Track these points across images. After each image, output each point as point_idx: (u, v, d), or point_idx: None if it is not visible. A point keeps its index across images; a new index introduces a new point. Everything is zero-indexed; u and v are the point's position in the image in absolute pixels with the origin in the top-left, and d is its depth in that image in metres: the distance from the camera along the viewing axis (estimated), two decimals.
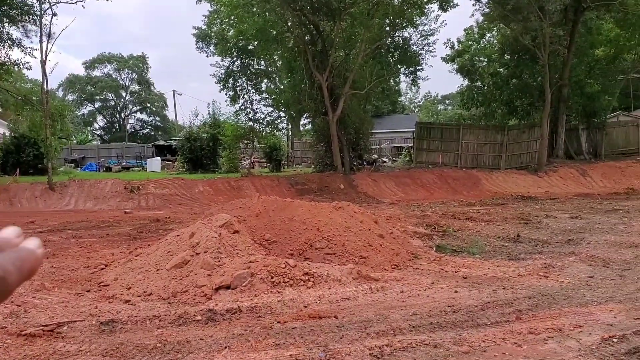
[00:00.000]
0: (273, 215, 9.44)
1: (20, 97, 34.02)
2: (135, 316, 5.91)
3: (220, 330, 5.50)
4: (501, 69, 34.95)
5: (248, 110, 34.03)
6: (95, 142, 70.38)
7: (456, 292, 6.85)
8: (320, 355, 4.69)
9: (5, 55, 35.25)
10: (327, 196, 24.92)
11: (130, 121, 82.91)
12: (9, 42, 34.27)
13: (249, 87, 34.13)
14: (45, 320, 5.82)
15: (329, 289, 6.85)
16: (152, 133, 79.95)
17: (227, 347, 4.98)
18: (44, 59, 26.53)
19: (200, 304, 6.36)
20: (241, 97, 34.15)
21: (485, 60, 36.13)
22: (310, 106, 31.06)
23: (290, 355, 4.69)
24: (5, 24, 33.83)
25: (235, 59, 33.69)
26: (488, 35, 37.22)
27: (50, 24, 27.90)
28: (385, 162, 39.77)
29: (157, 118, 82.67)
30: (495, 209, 18.33)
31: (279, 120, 34.77)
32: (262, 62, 34.76)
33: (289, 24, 28.90)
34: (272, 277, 6.89)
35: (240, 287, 6.70)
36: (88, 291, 7.31)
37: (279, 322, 5.69)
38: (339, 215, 9.47)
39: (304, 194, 25.61)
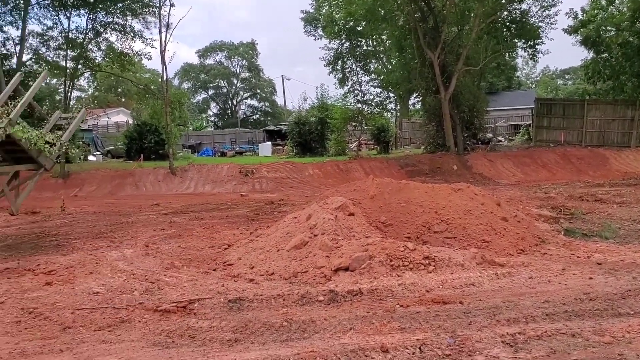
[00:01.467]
0: (388, 198, 9.31)
1: (141, 87, 36.30)
2: (260, 295, 6.06)
3: (343, 312, 5.50)
4: (632, 38, 32.03)
5: (356, 92, 33.99)
6: (210, 129, 73.80)
7: (591, 279, 6.37)
8: (448, 340, 4.54)
9: (128, 47, 37.70)
10: (439, 178, 24.35)
11: (242, 107, 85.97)
12: (132, 34, 36.59)
13: (358, 69, 34.04)
14: (177, 297, 6.13)
15: (452, 273, 6.63)
16: (262, 118, 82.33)
17: (351, 329, 4.96)
18: (163, 49, 28.04)
19: (320, 285, 6.40)
20: (349, 79, 34.18)
21: (614, 29, 33.26)
22: (420, 85, 30.41)
23: (417, 339, 4.58)
24: (128, 17, 36.11)
25: (343, 40, 33.69)
26: (617, 1, 34.23)
27: (169, 15, 29.33)
28: (501, 141, 38.15)
29: (267, 103, 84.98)
30: (628, 190, 16.97)
31: (387, 101, 34.45)
32: (371, 43, 34.48)
33: (399, 1, 28.34)
34: (390, 260, 6.78)
35: (359, 270, 6.66)
36: (214, 270, 7.62)
37: (401, 305, 5.59)
38: (458, 198, 9.16)
39: (414, 175, 25.19)
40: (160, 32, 28.25)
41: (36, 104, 11.57)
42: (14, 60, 38.06)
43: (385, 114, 36.61)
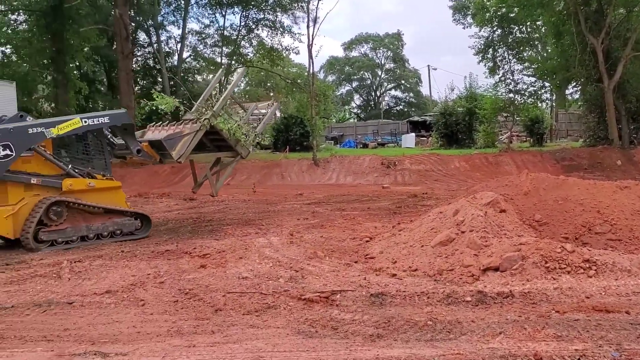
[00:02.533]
0: (544, 194, 8.64)
1: (289, 81, 37.61)
2: (404, 291, 5.91)
3: (492, 314, 5.18)
4: None
5: (508, 81, 32.28)
6: (352, 120, 74.63)
7: None
8: (613, 354, 4.06)
9: (277, 42, 39.26)
10: (600, 174, 22.37)
11: (385, 98, 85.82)
12: (281, 29, 38.06)
13: (510, 57, 32.26)
14: (320, 287, 6.18)
15: (616, 279, 5.96)
16: (406, 109, 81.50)
17: (501, 333, 4.65)
18: (310, 43, 28.74)
19: (467, 284, 6.10)
20: (500, 68, 32.50)
21: None
22: (580, 73, 28.08)
23: (576, 350, 4.16)
24: (278, 13, 37.58)
25: (494, 28, 32.12)
26: None
27: (317, 9, 30.06)
28: None
29: (411, 94, 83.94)
30: None
31: (542, 91, 32.26)
32: (525, 29, 32.52)
33: None
34: (546, 262, 6.27)
35: (510, 270, 6.24)
36: (356, 262, 7.60)
37: (557, 311, 5.14)
38: (624, 196, 8.24)
39: (571, 170, 23.34)
40: (307, 27, 29.00)
41: (235, 97, 12.72)
42: (175, 57, 41.39)
43: (540, 104, 34.36)
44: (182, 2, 39.32)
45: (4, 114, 17.39)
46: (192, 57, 43.32)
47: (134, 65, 34.66)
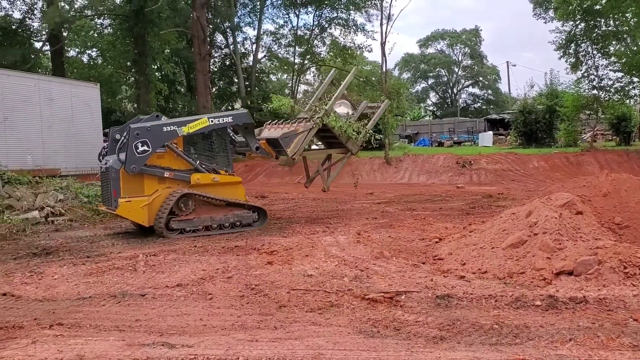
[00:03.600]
0: (625, 196, 8.17)
1: (362, 79, 37.51)
2: (471, 293, 5.75)
3: (562, 320, 4.95)
4: None
5: (592, 77, 30.62)
6: (427, 118, 73.46)
7: None
8: None
9: (350, 40, 39.26)
10: None
11: (462, 96, 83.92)
12: (354, 27, 38.05)
13: (594, 52, 30.60)
14: (385, 287, 6.12)
15: None
16: (484, 107, 79.36)
17: (571, 340, 4.45)
18: (384, 40, 28.57)
19: (538, 288, 5.85)
20: (584, 63, 30.85)
21: None
22: None
23: None
24: (352, 11, 37.60)
25: (577, 21, 30.58)
26: None
27: (390, 7, 29.81)
28: None
29: (489, 91, 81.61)
30: None
31: (630, 87, 30.35)
32: (612, 22, 30.74)
33: None
34: (625, 267, 5.92)
35: (584, 275, 5.94)
36: (423, 263, 7.48)
37: (635, 319, 4.86)
38: None
39: None
40: (381, 24, 28.88)
41: (347, 95, 13.32)
42: (251, 58, 42.24)
43: (627, 102, 32.38)
44: (258, 3, 40.11)
45: (90, 114, 18.46)
46: (266, 57, 44.11)
47: (211, 67, 35.71)
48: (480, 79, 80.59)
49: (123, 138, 10.27)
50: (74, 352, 4.28)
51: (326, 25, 39.60)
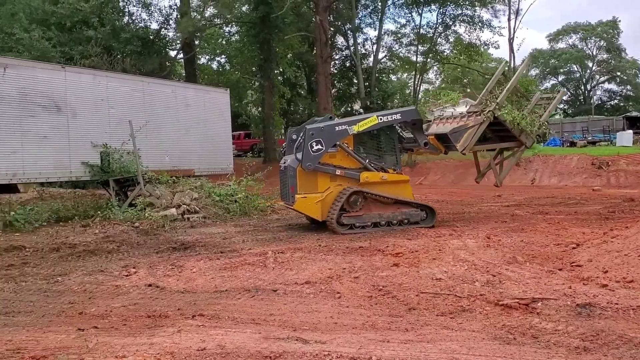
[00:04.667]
0: None
1: (487, 76, 36.25)
2: (616, 303, 5.33)
3: None
4: None
5: None
6: (558, 117, 69.28)
7: None
8: None
9: (475, 37, 38.07)
10: None
11: (597, 92, 78.14)
12: (480, 24, 36.84)
13: None
14: (519, 294, 5.85)
15: None
16: (622, 104, 73.29)
17: None
18: (512, 36, 27.42)
19: None
20: None
21: None
22: None
23: None
24: (477, 8, 36.42)
25: None
26: None
27: (519, 1, 28.56)
28: None
29: (628, 87, 75.23)
30: None
31: None
32: None
33: None
34: None
35: None
36: (560, 269, 7.04)
37: None
38: None
39: None
40: (509, 20, 27.85)
41: (519, 87, 13.32)
42: (371, 58, 42.38)
43: None
44: (379, 3, 40.14)
45: (221, 118, 19.49)
46: (387, 57, 44.02)
47: (332, 69, 36.30)
48: (618, 73, 74.43)
49: (300, 138, 10.99)
50: (215, 342, 4.51)
51: (450, 23, 38.73)
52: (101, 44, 26.96)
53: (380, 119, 11.03)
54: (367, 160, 11.09)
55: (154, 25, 35.62)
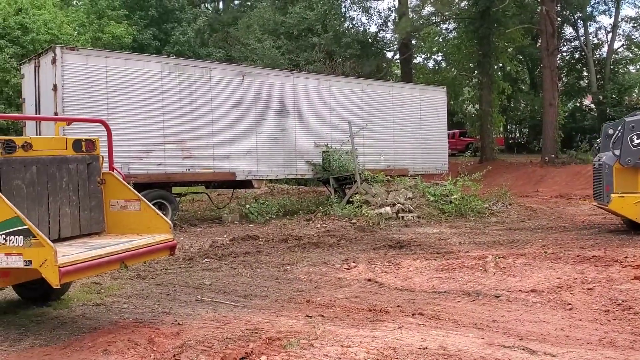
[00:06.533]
0: None
1: None
2: None
3: None
4: None
5: None
6: None
7: None
8: None
9: None
10: None
11: None
12: None
13: None
14: None
15: None
16: None
17: None
18: None
19: None
20: None
21: None
22: None
23: None
24: None
25: None
26: None
27: None
28: None
29: None
30: None
31: None
32: None
33: None
34: None
35: None
36: None
37: None
38: None
39: None
40: None
41: None
42: (604, 48, 38.31)
43: None
44: None
45: (436, 116, 19.33)
46: (624, 46, 39.40)
47: (559, 61, 33.64)
48: None
49: (617, 132, 10.17)
50: (437, 343, 4.44)
51: None
52: (324, 49, 28.62)
53: None
54: None
55: (373, 29, 36.79)
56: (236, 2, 43.28)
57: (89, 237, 5.67)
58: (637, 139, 9.61)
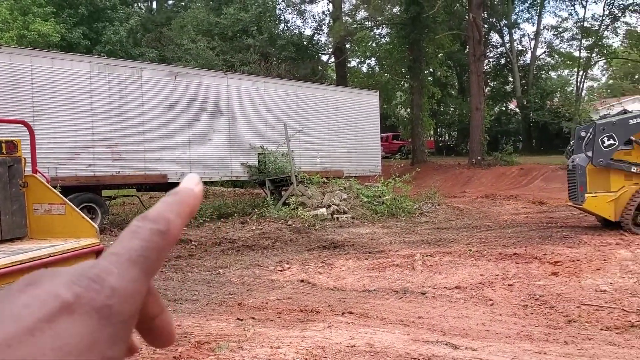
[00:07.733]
0: None
1: None
2: None
3: None
4: None
5: None
6: None
7: None
8: None
9: None
10: None
11: None
12: None
13: None
14: None
15: None
16: None
17: None
18: None
19: None
20: None
21: None
22: None
23: None
24: None
25: None
26: None
27: None
28: None
29: None
30: None
31: None
32: None
33: None
34: None
35: None
36: None
37: None
38: None
39: None
40: None
41: None
42: (528, 55, 40.18)
43: None
44: None
45: (369, 120, 19.72)
46: (546, 53, 41.52)
47: (485, 67, 35.03)
48: None
49: (589, 135, 10.51)
50: (364, 340, 4.59)
51: (619, 14, 35.49)
52: (259, 51, 28.60)
53: None
54: None
55: (308, 32, 37.07)
56: (170, 2, 42.57)
57: (11, 243, 5.47)
58: (607, 140, 9.96)
